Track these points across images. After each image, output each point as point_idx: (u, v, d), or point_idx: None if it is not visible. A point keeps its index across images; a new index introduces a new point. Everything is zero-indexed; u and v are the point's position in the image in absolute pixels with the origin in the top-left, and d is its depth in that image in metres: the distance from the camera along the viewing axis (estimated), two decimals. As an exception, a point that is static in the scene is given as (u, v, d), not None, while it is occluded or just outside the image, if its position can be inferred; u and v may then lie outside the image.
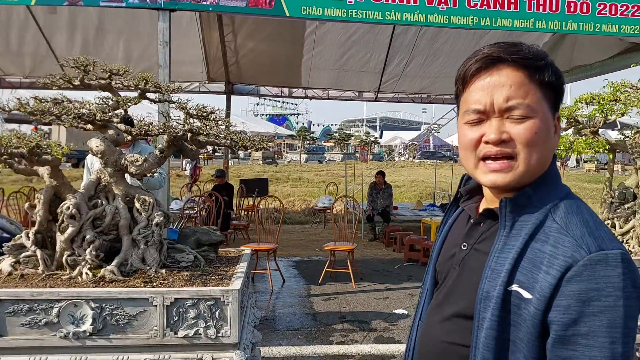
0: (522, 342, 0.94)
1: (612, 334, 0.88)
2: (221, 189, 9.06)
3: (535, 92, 0.99)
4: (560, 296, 0.90)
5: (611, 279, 0.89)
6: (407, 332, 4.80)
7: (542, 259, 0.94)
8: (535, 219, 0.98)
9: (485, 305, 0.97)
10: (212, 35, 9.77)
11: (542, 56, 1.02)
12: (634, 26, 5.84)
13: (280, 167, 31.89)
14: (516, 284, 0.95)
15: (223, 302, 2.48)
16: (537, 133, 0.98)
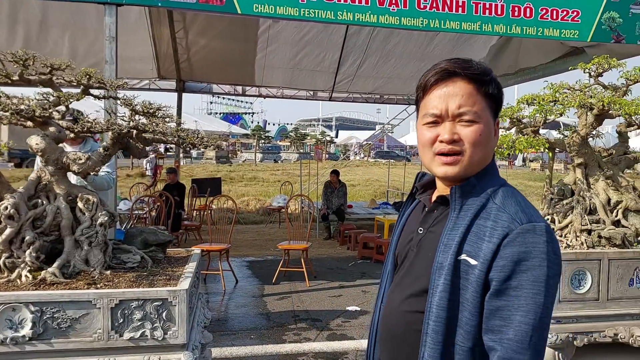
0: (468, 302, 1.15)
1: (536, 286, 1.10)
2: (172, 189, 8.87)
3: (481, 102, 1.22)
4: (498, 258, 1.12)
5: (538, 244, 1.12)
6: (359, 329, 4.87)
7: (484, 232, 1.16)
8: (479, 202, 1.20)
9: (439, 274, 1.17)
10: (163, 32, 9.55)
11: (488, 72, 1.24)
12: (573, 30, 6.12)
13: (235, 167, 31.55)
14: (464, 254, 1.16)
15: (170, 303, 2.44)
16: (481, 135, 1.21)
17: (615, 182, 3.55)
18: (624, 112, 3.12)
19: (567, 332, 3.18)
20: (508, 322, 1.10)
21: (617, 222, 3.49)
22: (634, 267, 3.25)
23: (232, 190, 17.19)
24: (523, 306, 1.10)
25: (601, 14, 6.08)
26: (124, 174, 22.01)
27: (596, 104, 3.22)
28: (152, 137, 2.67)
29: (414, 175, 1.49)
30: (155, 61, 10.43)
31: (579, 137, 3.46)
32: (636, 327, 3.25)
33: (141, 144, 2.78)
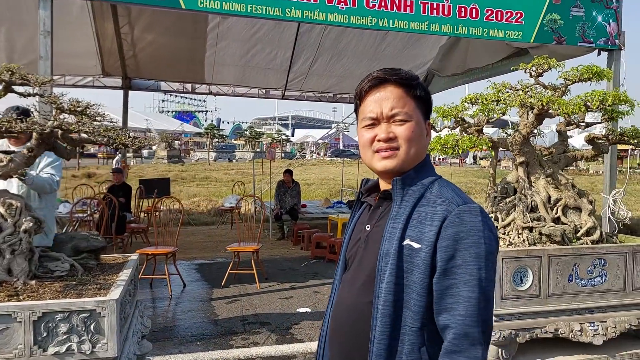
0: (415, 284, 1.24)
1: (478, 262, 1.21)
2: (118, 190, 8.53)
3: (410, 103, 1.38)
4: (441, 239, 1.23)
5: (475, 223, 1.24)
6: (309, 331, 4.80)
7: (425, 217, 1.27)
8: (419, 192, 1.33)
9: (386, 260, 1.27)
10: (106, 27, 9.17)
11: (415, 78, 1.42)
12: (517, 32, 6.26)
13: (187, 166, 30.89)
14: (408, 239, 1.27)
15: (99, 314, 2.28)
16: (413, 132, 1.36)
17: (555, 180, 3.62)
18: (562, 112, 3.18)
19: (509, 329, 3.22)
20: (457, 298, 1.20)
21: (557, 219, 3.57)
22: (572, 263, 3.33)
23: (184, 190, 16.79)
24: (469, 281, 1.20)
25: (543, 16, 6.25)
26: (69, 175, 21.12)
27: (536, 103, 3.27)
28: (79, 138, 2.50)
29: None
30: (99, 57, 10.01)
31: (520, 136, 3.51)
32: (575, 322, 3.32)
33: (69, 145, 2.60)
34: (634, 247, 3.53)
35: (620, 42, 6.52)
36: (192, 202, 13.43)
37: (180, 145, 50.96)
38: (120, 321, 2.41)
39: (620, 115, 3.63)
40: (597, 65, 3.32)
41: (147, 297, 5.97)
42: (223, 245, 8.13)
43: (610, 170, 6.62)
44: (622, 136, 3.44)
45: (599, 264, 3.38)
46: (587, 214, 3.59)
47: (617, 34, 6.50)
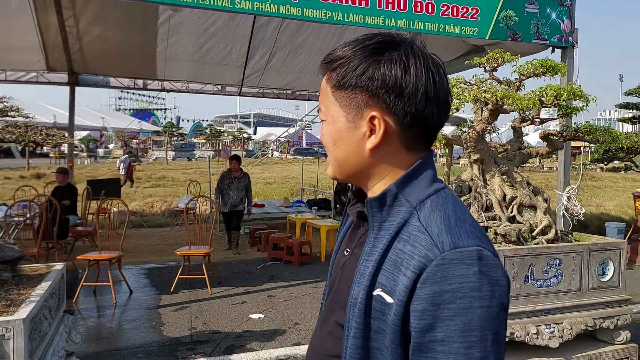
0: (387, 350, 0.88)
1: (467, 338, 0.82)
2: (62, 192, 8.05)
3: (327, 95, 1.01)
4: (415, 300, 0.84)
5: (466, 278, 0.83)
6: (261, 338, 4.56)
7: (402, 260, 0.88)
8: (401, 218, 0.92)
9: (353, 312, 0.92)
10: (49, 19, 8.64)
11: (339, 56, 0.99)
12: (473, 28, 6.21)
13: (144, 166, 30.03)
14: (379, 288, 0.90)
15: (3, 337, 1.99)
16: (324, 135, 1.03)
17: (510, 177, 3.52)
18: (517, 107, 3.06)
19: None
20: None
21: (512, 218, 3.46)
22: (528, 264, 3.22)
23: (138, 191, 16.21)
24: None
25: (499, 12, 6.21)
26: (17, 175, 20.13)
27: (490, 98, 3.14)
28: (-18, 134, 2.19)
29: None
30: (43, 52, 9.45)
31: (475, 132, 3.38)
32: (531, 325, 3.22)
33: (-29, 143, 2.29)
34: (588, 245, 3.46)
35: (573, 40, 6.56)
36: (146, 203, 12.94)
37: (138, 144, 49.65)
38: (31, 342, 2.13)
39: (574, 111, 3.56)
40: (551, 59, 3.23)
41: (90, 305, 5.61)
42: (176, 248, 7.76)
43: (564, 167, 6.67)
44: (576, 132, 3.36)
45: (554, 264, 3.29)
46: (543, 212, 3.50)
47: (571, 31, 6.53)
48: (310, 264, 7.59)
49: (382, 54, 0.94)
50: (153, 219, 11.51)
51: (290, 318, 5.15)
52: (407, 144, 0.96)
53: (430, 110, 0.94)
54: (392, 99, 0.93)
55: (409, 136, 0.96)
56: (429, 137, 0.98)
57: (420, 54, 0.95)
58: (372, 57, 0.94)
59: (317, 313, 4.55)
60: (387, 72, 0.92)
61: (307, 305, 5.57)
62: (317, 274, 6.93)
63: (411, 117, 0.93)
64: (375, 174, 0.99)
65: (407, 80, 0.92)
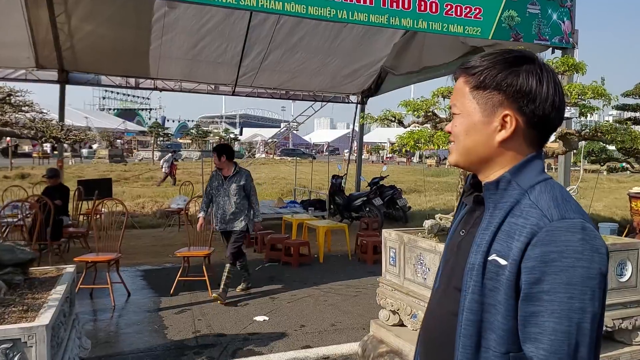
0: (500, 305, 1.08)
1: (569, 290, 1.01)
2: (54, 192, 7.84)
3: (464, 93, 1.21)
4: (526, 259, 1.04)
5: (571, 242, 1.03)
6: (268, 341, 4.46)
7: (515, 230, 1.08)
8: (514, 198, 1.13)
9: (470, 275, 1.13)
10: (40, 15, 8.43)
11: (477, 65, 1.21)
12: (476, 28, 6.18)
13: (130, 166, 29.59)
14: (494, 254, 1.10)
15: (25, 344, 1.87)
16: (456, 126, 1.23)
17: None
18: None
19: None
20: (542, 329, 1.03)
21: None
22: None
23: (127, 191, 15.94)
24: (557, 312, 1.01)
25: (501, 12, 6.20)
26: (1, 176, 19.68)
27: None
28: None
29: (321, 172, 1.32)
30: (33, 48, 9.21)
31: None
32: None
33: (-15, 138, 2.16)
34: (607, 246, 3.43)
35: (574, 41, 6.58)
36: (136, 204, 12.73)
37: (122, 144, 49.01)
38: (52, 349, 2.01)
39: (589, 110, 3.53)
40: (572, 57, 3.19)
41: (87, 309, 5.44)
42: (171, 249, 7.63)
43: (564, 167, 6.69)
44: (596, 132, 3.33)
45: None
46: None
47: (571, 32, 6.55)
48: (308, 265, 7.50)
49: (519, 66, 1.16)
50: (144, 219, 11.30)
51: (295, 320, 5.05)
52: (528, 140, 1.18)
53: (554, 116, 1.17)
54: (525, 102, 1.15)
55: (531, 135, 1.18)
56: (544, 138, 1.22)
57: (550, 70, 1.19)
58: (511, 67, 1.16)
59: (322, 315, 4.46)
60: (524, 81, 1.15)
61: (311, 308, 5.47)
62: (316, 275, 6.85)
63: (538, 119, 1.16)
64: (497, 163, 1.20)
65: (540, 90, 1.15)
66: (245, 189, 5.97)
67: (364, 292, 5.97)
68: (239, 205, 5.88)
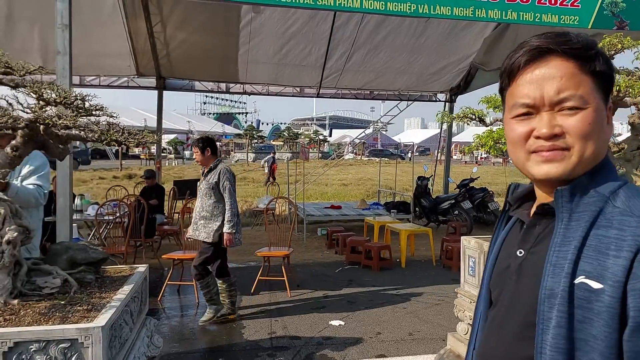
0: (596, 340, 0.86)
1: None
2: (150, 192, 8.35)
3: (587, 83, 0.97)
4: (633, 278, 0.84)
5: None
6: (341, 347, 4.36)
7: (608, 244, 0.88)
8: (595, 206, 0.94)
9: (550, 304, 0.91)
10: (139, 26, 9.01)
11: (591, 45, 0.99)
12: (572, 16, 5.68)
13: (226, 167, 30.96)
14: (582, 275, 0.89)
15: (82, 344, 1.92)
16: (590, 124, 0.96)
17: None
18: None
19: None
20: None
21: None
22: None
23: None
24: None
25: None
26: (111, 176, 21.43)
27: (610, 89, 2.73)
28: (67, 134, 2.15)
29: (407, 173, 1.14)
30: (133, 57, 9.89)
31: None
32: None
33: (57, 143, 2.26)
34: None
35: (693, 25, 5.79)
36: (227, 204, 13.20)
37: (221, 147, 51.47)
38: (110, 350, 2.05)
39: None
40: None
41: (174, 304, 5.69)
42: (256, 247, 7.79)
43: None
44: None
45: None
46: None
47: (691, 15, 5.78)
48: (389, 269, 7.30)
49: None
50: (233, 219, 11.69)
51: (371, 327, 4.91)
52: None
53: None
54: (610, 89, 1.00)
55: None
56: None
57: None
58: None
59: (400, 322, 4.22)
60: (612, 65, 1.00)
61: (389, 314, 5.29)
62: (397, 281, 6.63)
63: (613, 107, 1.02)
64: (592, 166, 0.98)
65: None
66: (218, 188, 4.96)
67: (446, 301, 5.68)
68: (208, 209, 4.94)
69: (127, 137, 2.11)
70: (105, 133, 2.06)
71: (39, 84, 2.11)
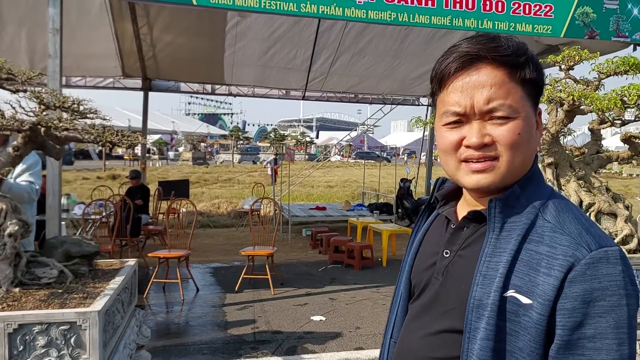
0: (522, 352, 0.89)
1: (618, 334, 0.85)
2: (135, 192, 8.47)
3: (516, 91, 0.96)
4: (563, 298, 0.86)
5: (614, 277, 0.86)
6: (322, 341, 4.56)
7: (539, 260, 0.90)
8: (526, 219, 0.95)
9: (479, 314, 0.92)
10: (125, 28, 9.13)
11: (522, 51, 0.98)
12: (546, 26, 5.94)
13: (212, 168, 31.02)
14: (512, 289, 0.90)
15: (80, 327, 2.10)
16: (520, 134, 0.95)
17: (587, 183, 3.31)
18: (596, 108, 2.88)
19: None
20: None
21: (589, 226, 3.25)
22: (607, 275, 3.01)
23: (206, 192, 16.76)
24: None
25: (574, 9, 5.91)
26: (95, 176, 21.39)
27: (566, 98, 2.97)
28: (64, 135, 2.33)
29: (390, 175, 1.25)
30: (119, 58, 9.99)
31: (549, 134, 3.21)
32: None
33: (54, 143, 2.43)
34: (676, 257, 3.19)
35: (658, 36, 6.11)
36: (213, 204, 13.35)
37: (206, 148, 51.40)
38: (105, 334, 2.23)
39: (660, 112, 3.30)
40: (634, 57, 3.01)
41: (160, 301, 5.83)
42: (241, 248, 7.97)
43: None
44: (663, 134, 3.12)
45: (636, 276, 3.05)
46: (623, 221, 3.27)
47: (655, 28, 6.09)
48: (371, 268, 7.52)
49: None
50: (219, 219, 11.85)
51: (351, 322, 5.12)
52: None
53: None
54: (540, 95, 1.02)
55: None
56: None
57: None
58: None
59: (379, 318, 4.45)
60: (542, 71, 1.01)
61: (369, 310, 5.51)
62: (378, 279, 6.86)
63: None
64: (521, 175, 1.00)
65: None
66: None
67: (423, 297, 5.90)
68: None
69: (121, 138, 2.29)
70: (102, 135, 2.24)
71: (40, 89, 2.28)
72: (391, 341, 1.16)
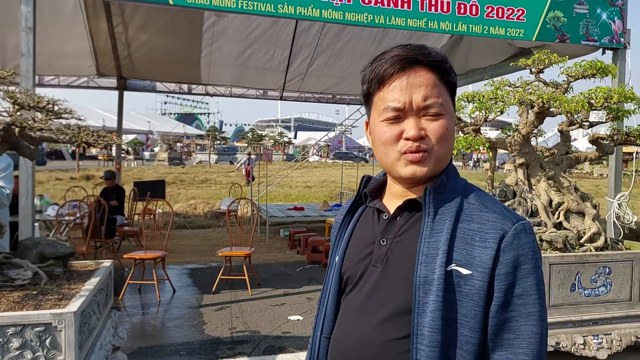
0: (466, 317, 1.02)
1: (539, 290, 1.04)
2: (110, 192, 8.36)
3: (445, 92, 1.11)
4: (499, 266, 1.01)
5: (531, 244, 1.05)
6: (299, 340, 4.59)
7: (472, 236, 1.04)
8: (455, 203, 1.09)
9: (426, 290, 1.03)
10: (100, 26, 9.00)
11: (446, 59, 1.14)
12: (518, 29, 6.07)
13: (188, 169, 30.74)
14: (454, 264, 1.03)
15: (55, 328, 2.09)
16: (447, 129, 1.10)
17: (557, 182, 3.41)
18: (564, 110, 2.97)
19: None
20: (518, 333, 1.02)
21: (558, 225, 3.36)
22: (575, 272, 3.11)
23: (182, 193, 16.61)
24: (532, 314, 1.03)
25: (546, 13, 6.06)
26: (68, 177, 20.99)
27: (536, 100, 3.06)
28: (40, 136, 2.31)
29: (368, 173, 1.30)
30: (94, 57, 9.84)
31: (520, 136, 3.31)
32: (578, 335, 3.11)
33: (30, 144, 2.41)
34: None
35: (625, 41, 6.31)
36: (189, 205, 13.24)
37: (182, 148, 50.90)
38: (81, 335, 2.22)
39: (626, 114, 3.43)
40: (601, 61, 3.12)
41: (135, 303, 5.78)
42: (217, 248, 7.92)
43: (615, 173, 6.40)
44: (628, 136, 3.23)
45: (603, 273, 3.17)
46: (591, 219, 3.38)
47: (623, 32, 6.29)
48: (349, 267, 7.57)
49: None
50: (196, 220, 11.76)
51: (328, 321, 5.15)
52: None
53: None
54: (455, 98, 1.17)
55: None
56: None
57: None
58: None
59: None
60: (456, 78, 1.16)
61: (346, 309, 5.55)
62: (356, 278, 6.91)
63: None
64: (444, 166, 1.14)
65: None
66: None
67: (400, 296, 5.98)
68: None
69: (97, 138, 2.28)
70: (77, 135, 2.23)
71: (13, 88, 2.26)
72: (322, 337, 1.20)
